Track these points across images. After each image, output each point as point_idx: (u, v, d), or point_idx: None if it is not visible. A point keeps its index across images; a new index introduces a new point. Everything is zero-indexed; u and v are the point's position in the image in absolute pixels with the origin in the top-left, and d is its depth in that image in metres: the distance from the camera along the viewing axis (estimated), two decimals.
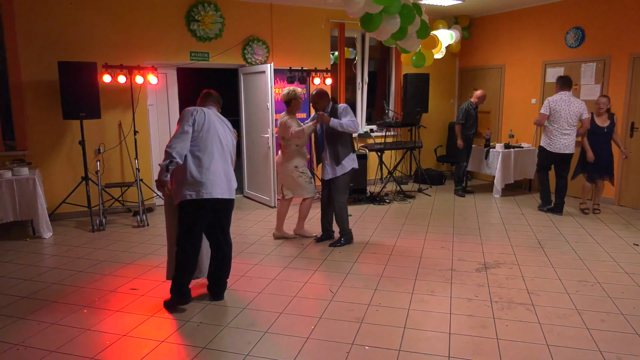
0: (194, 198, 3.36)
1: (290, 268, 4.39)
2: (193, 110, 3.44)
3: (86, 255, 4.80)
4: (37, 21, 5.77)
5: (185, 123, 3.36)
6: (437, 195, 7.52)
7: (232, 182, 3.57)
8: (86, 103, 5.58)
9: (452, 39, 7.88)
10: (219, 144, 3.47)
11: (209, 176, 3.38)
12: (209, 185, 3.37)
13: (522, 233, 5.42)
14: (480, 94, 7.24)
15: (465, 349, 2.98)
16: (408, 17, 4.72)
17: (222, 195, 3.44)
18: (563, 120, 5.98)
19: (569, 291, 3.83)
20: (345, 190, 4.94)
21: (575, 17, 6.95)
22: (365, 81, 8.34)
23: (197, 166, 3.38)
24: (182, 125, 3.35)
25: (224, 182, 3.47)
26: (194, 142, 3.38)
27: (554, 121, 6.03)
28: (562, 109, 5.97)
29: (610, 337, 3.11)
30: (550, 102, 6.06)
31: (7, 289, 3.96)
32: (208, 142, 3.40)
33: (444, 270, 4.30)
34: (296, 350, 2.96)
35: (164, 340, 3.12)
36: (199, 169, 3.37)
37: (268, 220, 6.06)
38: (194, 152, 3.38)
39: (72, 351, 2.98)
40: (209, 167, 3.39)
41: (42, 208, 5.32)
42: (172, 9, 6.48)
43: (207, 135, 3.41)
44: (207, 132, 3.41)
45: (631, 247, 4.92)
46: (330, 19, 7.49)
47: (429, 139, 8.74)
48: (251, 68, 6.94)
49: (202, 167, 3.37)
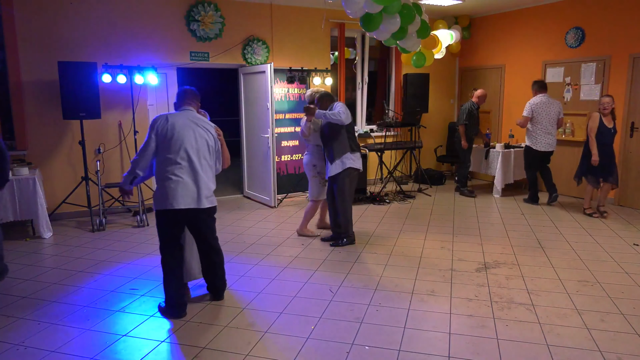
0: (160, 209, 3.33)
1: (290, 268, 4.39)
2: (156, 119, 3.37)
3: (86, 255, 4.80)
4: (37, 21, 5.77)
5: (147, 136, 3.34)
6: (437, 195, 7.52)
7: (204, 190, 3.35)
8: (86, 103, 5.58)
9: (452, 39, 7.87)
10: (187, 151, 3.30)
11: (171, 185, 3.26)
12: (171, 196, 3.25)
13: (522, 233, 5.42)
14: (481, 93, 7.24)
15: (465, 349, 2.98)
16: (408, 17, 4.72)
17: (187, 205, 3.28)
18: (545, 121, 6.48)
19: (569, 291, 3.83)
20: (346, 190, 4.85)
21: (575, 17, 6.95)
22: (365, 81, 8.34)
23: (161, 176, 3.32)
24: (145, 139, 3.34)
25: (192, 191, 3.30)
26: (159, 151, 3.32)
27: (537, 122, 6.52)
28: (543, 111, 6.48)
29: (610, 337, 3.11)
30: (532, 104, 6.52)
31: (7, 289, 3.96)
32: (172, 151, 3.28)
33: (444, 270, 4.30)
34: (296, 350, 2.96)
35: (164, 340, 3.12)
36: (163, 179, 3.30)
37: (268, 220, 6.06)
38: (159, 162, 3.33)
39: (72, 351, 2.98)
40: (171, 177, 3.27)
41: (42, 208, 5.32)
42: (172, 9, 6.48)
43: (170, 144, 3.29)
44: (171, 140, 3.28)
45: (631, 247, 4.92)
46: (330, 19, 7.49)
47: (429, 139, 8.74)
48: (251, 68, 6.94)
49: (166, 178, 3.28)
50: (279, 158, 7.18)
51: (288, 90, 7.27)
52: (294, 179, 7.34)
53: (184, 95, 3.57)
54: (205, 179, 3.38)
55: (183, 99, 3.55)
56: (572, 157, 7.07)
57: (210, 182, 3.44)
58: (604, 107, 5.87)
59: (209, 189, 3.42)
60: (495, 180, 7.28)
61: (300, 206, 6.70)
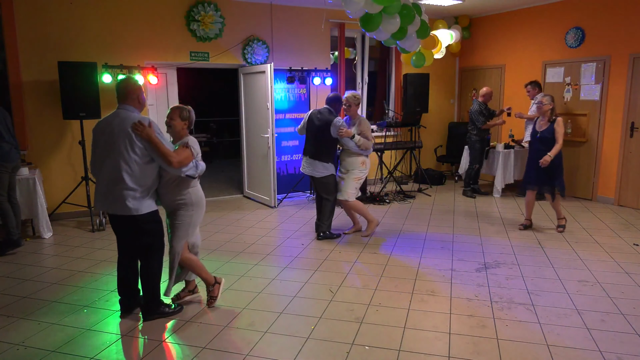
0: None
1: (290, 268, 4.39)
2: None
3: (86, 255, 4.80)
4: (37, 21, 5.77)
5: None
6: (437, 195, 7.52)
7: (113, 195, 3.14)
8: (86, 103, 5.58)
9: (452, 39, 7.88)
10: (106, 154, 3.15)
11: (97, 189, 3.27)
12: (96, 198, 3.27)
13: (522, 233, 5.42)
14: (486, 91, 7.21)
15: (465, 349, 2.98)
16: (408, 17, 4.72)
17: (105, 209, 3.32)
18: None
19: (569, 291, 3.83)
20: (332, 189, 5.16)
21: (575, 17, 6.95)
22: (365, 81, 8.34)
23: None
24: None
25: (104, 195, 3.20)
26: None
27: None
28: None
29: (610, 337, 3.11)
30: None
31: (7, 289, 3.96)
32: (97, 155, 3.24)
33: (444, 270, 4.30)
34: (296, 350, 2.96)
35: (164, 340, 3.12)
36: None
37: (268, 220, 6.07)
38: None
39: (72, 351, 2.98)
40: (97, 181, 3.26)
41: (42, 208, 5.32)
42: (172, 9, 6.48)
43: (94, 148, 3.26)
44: (95, 145, 3.25)
45: (631, 247, 4.92)
46: (330, 19, 7.49)
47: (429, 139, 8.74)
48: (251, 68, 6.94)
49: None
50: (278, 158, 7.18)
51: (288, 90, 7.27)
52: (294, 179, 7.34)
53: (118, 89, 3.28)
54: (119, 184, 3.23)
55: (119, 97, 3.27)
56: (572, 156, 7.09)
57: (122, 188, 3.20)
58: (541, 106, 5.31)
59: (121, 195, 3.21)
60: (496, 180, 7.28)
61: (300, 206, 6.70)
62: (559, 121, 5.23)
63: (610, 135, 6.66)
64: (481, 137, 7.20)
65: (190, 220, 3.40)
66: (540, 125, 5.34)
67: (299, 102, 7.40)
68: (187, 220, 3.38)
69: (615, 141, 6.62)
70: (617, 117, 6.54)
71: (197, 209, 3.43)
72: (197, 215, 3.44)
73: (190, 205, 3.38)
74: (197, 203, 3.42)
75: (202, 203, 3.48)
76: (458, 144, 8.39)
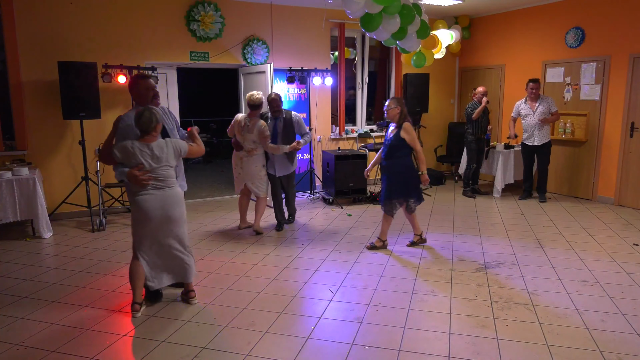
0: None
1: (290, 268, 4.39)
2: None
3: (86, 255, 4.80)
4: (37, 21, 5.77)
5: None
6: (437, 195, 7.52)
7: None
8: (86, 103, 5.58)
9: (452, 39, 7.87)
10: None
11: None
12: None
13: (522, 233, 5.42)
14: (481, 90, 7.17)
15: (465, 349, 2.98)
16: (408, 17, 4.72)
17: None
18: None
19: (569, 291, 3.83)
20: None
21: (575, 17, 6.95)
22: (365, 81, 8.34)
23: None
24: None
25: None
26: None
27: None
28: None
29: (610, 337, 3.10)
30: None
31: (7, 289, 3.96)
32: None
33: (444, 270, 4.30)
34: (296, 350, 2.96)
35: (164, 340, 3.12)
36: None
37: (267, 220, 6.06)
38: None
39: (72, 351, 2.98)
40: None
41: (42, 208, 5.32)
42: (172, 9, 6.48)
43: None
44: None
45: (631, 247, 4.92)
46: (330, 19, 7.49)
47: (429, 139, 8.74)
48: (251, 68, 6.94)
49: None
50: None
51: (288, 90, 7.27)
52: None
53: None
54: None
55: None
56: (572, 156, 7.09)
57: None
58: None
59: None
60: (496, 180, 7.28)
61: (299, 206, 6.69)
62: (406, 126, 4.55)
63: (610, 135, 6.66)
64: (477, 136, 7.19)
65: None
66: (390, 131, 4.71)
67: (299, 102, 7.39)
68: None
69: (615, 141, 6.61)
70: (617, 117, 6.54)
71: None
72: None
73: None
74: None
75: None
76: (458, 144, 8.39)
